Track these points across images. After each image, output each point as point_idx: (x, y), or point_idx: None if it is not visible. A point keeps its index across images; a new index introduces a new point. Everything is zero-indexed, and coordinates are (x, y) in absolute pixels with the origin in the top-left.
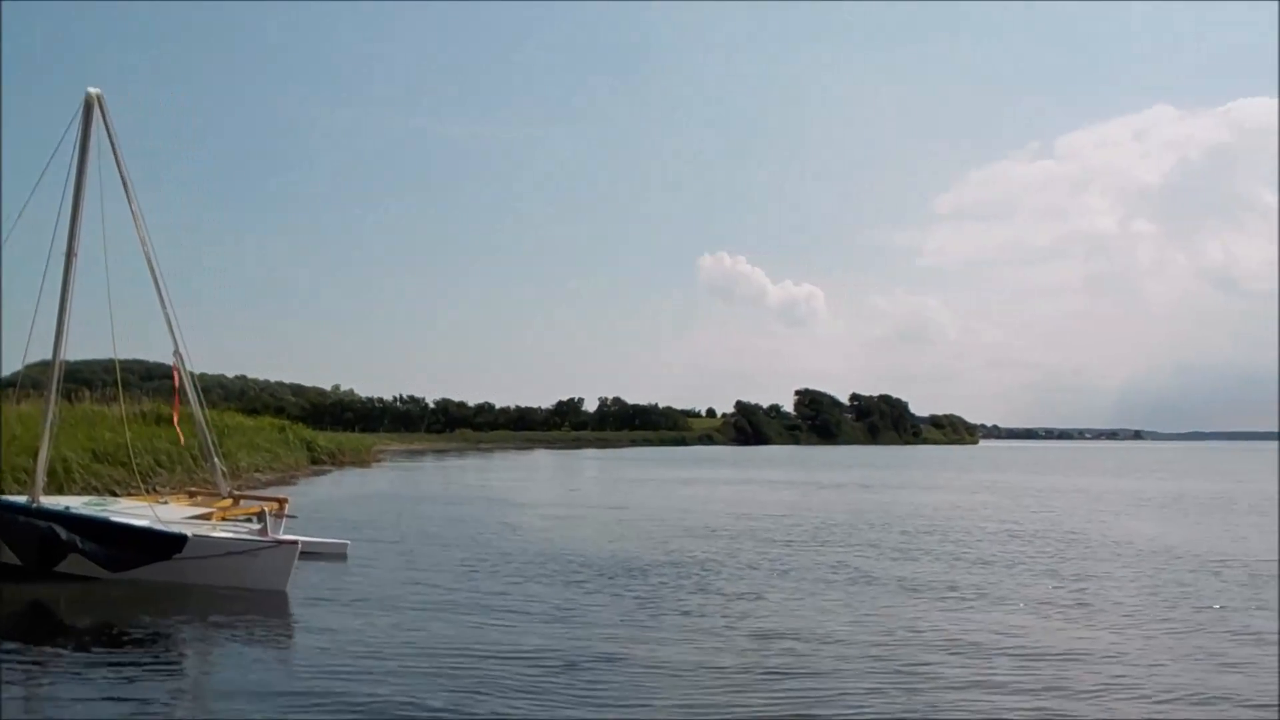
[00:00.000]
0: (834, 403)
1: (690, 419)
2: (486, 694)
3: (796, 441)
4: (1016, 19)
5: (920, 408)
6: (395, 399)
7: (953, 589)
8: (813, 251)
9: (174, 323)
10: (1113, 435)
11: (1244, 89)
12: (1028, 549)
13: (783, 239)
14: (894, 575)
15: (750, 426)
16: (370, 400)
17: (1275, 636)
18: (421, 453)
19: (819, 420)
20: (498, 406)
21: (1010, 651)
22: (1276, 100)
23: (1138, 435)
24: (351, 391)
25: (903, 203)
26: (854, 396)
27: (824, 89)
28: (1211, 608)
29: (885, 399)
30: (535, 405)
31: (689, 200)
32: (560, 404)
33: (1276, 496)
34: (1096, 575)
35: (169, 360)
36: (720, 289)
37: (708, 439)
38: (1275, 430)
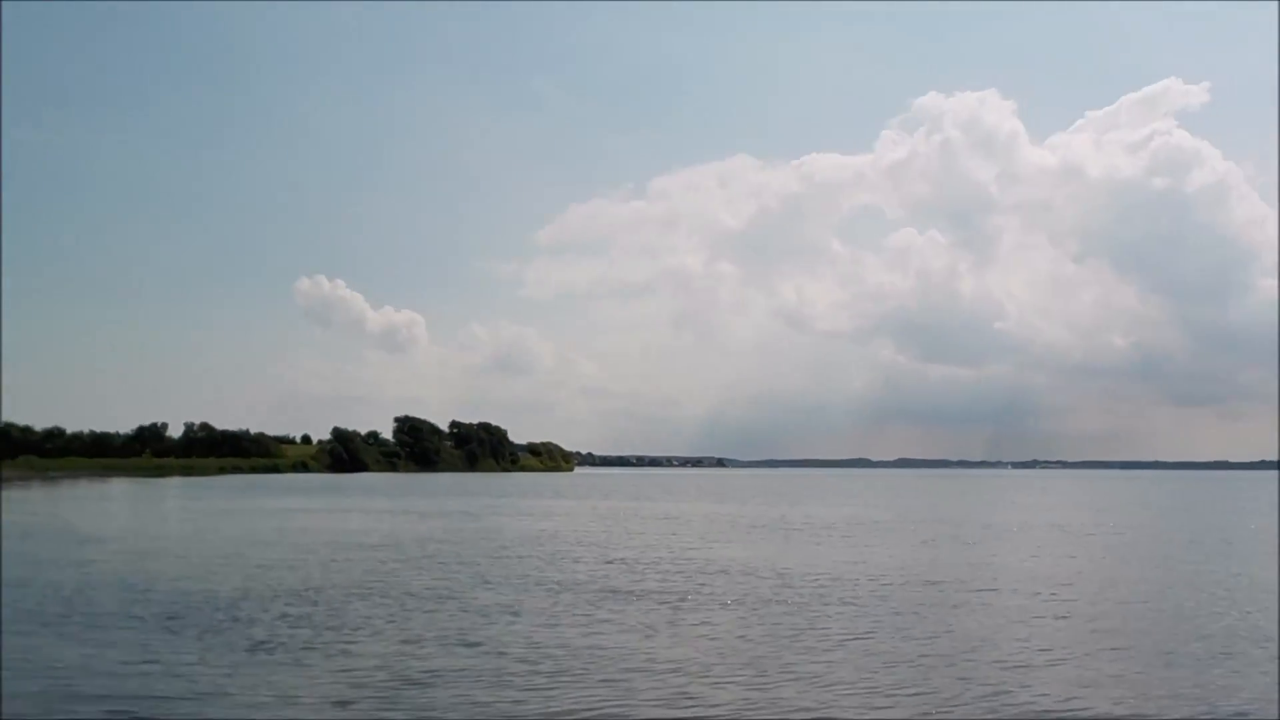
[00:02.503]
0: (434, 430)
1: (284, 446)
2: None
3: (395, 469)
4: (611, 60)
5: (519, 435)
6: None
7: (583, 613)
8: (415, 278)
9: None
10: (698, 463)
11: (815, 145)
12: (644, 574)
13: (384, 264)
14: (500, 603)
15: (347, 454)
16: None
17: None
18: None
19: (418, 448)
20: (69, 431)
21: (636, 670)
22: (843, 157)
23: (720, 463)
24: None
25: (505, 233)
26: (454, 424)
27: (430, 116)
28: (851, 628)
29: (485, 427)
30: (113, 430)
31: (286, 222)
32: (141, 429)
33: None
34: (715, 603)
35: None
36: (318, 313)
37: (303, 466)
38: (840, 458)
